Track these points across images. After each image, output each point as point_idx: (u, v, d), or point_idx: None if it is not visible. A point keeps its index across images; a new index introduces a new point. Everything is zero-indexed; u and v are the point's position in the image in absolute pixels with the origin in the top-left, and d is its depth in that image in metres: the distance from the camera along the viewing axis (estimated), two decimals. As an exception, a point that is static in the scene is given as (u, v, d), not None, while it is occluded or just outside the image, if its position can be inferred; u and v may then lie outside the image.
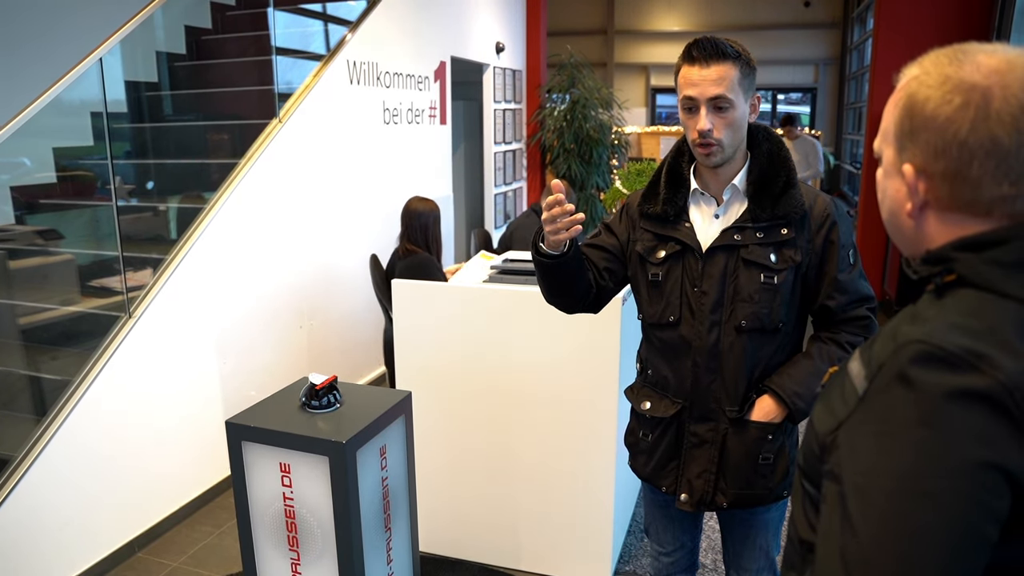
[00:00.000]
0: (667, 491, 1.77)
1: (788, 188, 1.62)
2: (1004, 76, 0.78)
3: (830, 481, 0.81)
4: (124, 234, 3.21)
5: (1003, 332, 0.74)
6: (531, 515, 2.81)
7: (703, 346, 1.66)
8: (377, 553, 2.07)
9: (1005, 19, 4.87)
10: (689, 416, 1.71)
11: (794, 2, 12.90)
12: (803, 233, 1.62)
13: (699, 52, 1.55)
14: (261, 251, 3.75)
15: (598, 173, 7.54)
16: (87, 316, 3.23)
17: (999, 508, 0.71)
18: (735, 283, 1.63)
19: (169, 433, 3.19)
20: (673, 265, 1.68)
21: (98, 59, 2.90)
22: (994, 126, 0.78)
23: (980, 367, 0.72)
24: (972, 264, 0.80)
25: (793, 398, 1.62)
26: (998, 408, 0.71)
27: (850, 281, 1.64)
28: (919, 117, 0.82)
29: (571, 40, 8.80)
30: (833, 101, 13.72)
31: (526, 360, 2.67)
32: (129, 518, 3.03)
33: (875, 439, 0.77)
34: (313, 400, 2.02)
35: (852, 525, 0.75)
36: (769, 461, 1.67)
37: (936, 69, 0.82)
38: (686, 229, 1.67)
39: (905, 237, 0.90)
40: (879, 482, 0.75)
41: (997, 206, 0.81)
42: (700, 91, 1.55)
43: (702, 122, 1.56)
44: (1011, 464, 0.71)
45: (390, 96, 4.87)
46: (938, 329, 0.76)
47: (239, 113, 4.37)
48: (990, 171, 0.79)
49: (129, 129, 4.29)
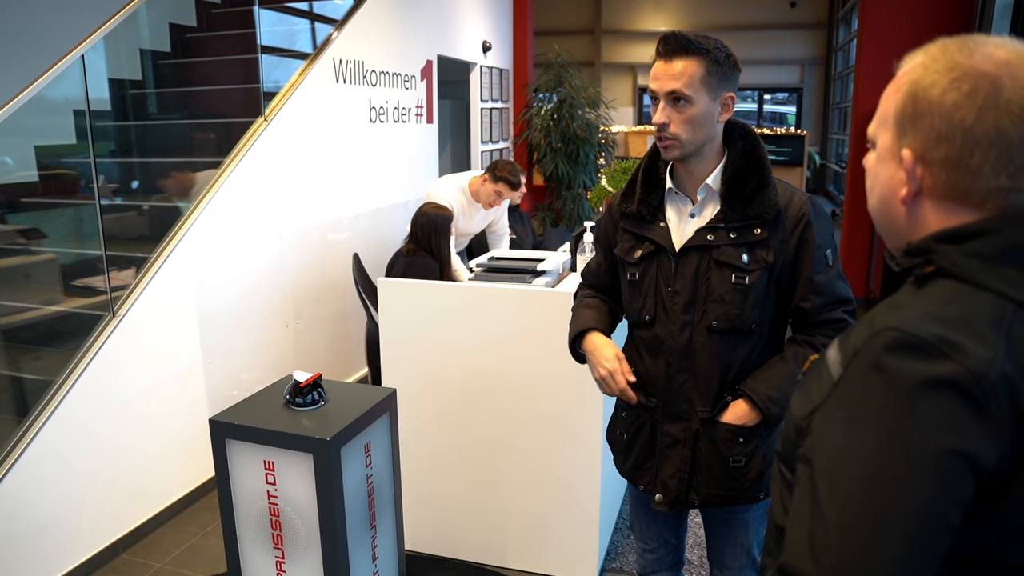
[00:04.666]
0: (645, 490, 1.77)
1: (761, 188, 1.60)
2: (1014, 67, 0.79)
3: (803, 465, 0.82)
4: (108, 233, 3.18)
5: (976, 322, 0.75)
6: (518, 513, 2.81)
7: (676, 346, 1.65)
8: (362, 551, 2.07)
9: (985, 20, 4.93)
10: (663, 415, 1.71)
11: (780, 2, 12.97)
12: (777, 233, 1.60)
13: (664, 46, 1.56)
14: (246, 250, 3.73)
15: (585, 172, 7.56)
16: (70, 316, 3.20)
17: (963, 495, 0.72)
18: (707, 284, 1.62)
19: (154, 433, 3.17)
20: (648, 265, 1.69)
21: (80, 56, 2.87)
22: (1002, 116, 0.78)
23: (950, 355, 0.73)
24: (951, 256, 0.81)
25: (767, 402, 1.61)
26: (965, 396, 0.72)
27: (826, 283, 1.61)
28: (924, 102, 0.82)
29: (559, 40, 8.81)
30: (819, 101, 13.80)
31: (512, 358, 2.67)
32: (113, 520, 3.01)
33: (847, 424, 0.78)
34: (297, 398, 2.02)
35: (821, 509, 0.76)
36: (741, 464, 1.66)
37: (944, 56, 0.82)
38: (660, 229, 1.67)
39: (895, 225, 0.89)
40: (848, 467, 0.75)
41: (991, 198, 0.81)
42: (660, 84, 1.56)
43: (658, 115, 1.57)
44: (976, 451, 0.72)
45: (376, 95, 4.86)
46: (913, 317, 0.77)
47: (224, 111, 4.34)
48: (991, 161, 0.79)
49: (113, 127, 4.26)
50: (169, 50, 4.51)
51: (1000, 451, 0.72)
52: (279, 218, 3.96)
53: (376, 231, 4.85)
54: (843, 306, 1.63)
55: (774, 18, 13.20)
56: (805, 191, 1.98)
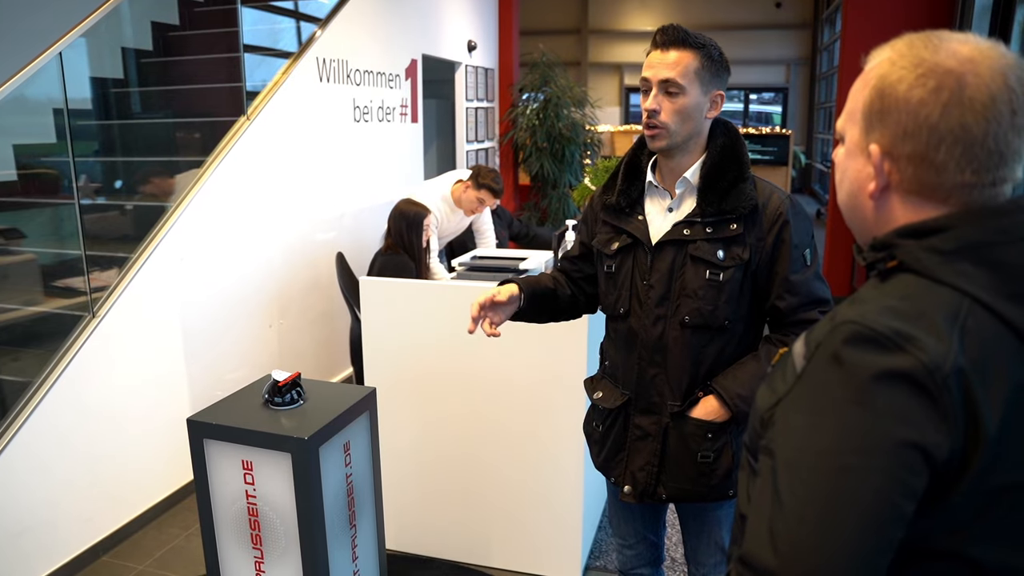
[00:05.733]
0: (616, 482, 1.78)
1: (738, 183, 1.61)
2: (977, 65, 0.79)
3: (765, 456, 0.83)
4: (89, 233, 3.16)
5: (933, 316, 0.76)
6: (501, 512, 2.81)
7: (648, 339, 1.66)
8: (342, 550, 2.06)
9: (965, 20, 4.98)
10: (634, 408, 1.72)
11: (766, 3, 13.05)
12: (753, 230, 1.60)
13: (662, 37, 1.59)
14: (229, 249, 3.71)
15: (570, 171, 7.57)
16: (50, 316, 3.17)
17: (917, 486, 0.74)
18: (681, 279, 1.62)
19: (135, 435, 3.15)
20: (625, 257, 1.70)
21: (58, 53, 2.85)
22: (966, 113, 0.79)
23: (906, 348, 0.74)
24: (912, 251, 0.82)
25: (736, 400, 1.61)
26: (920, 388, 0.73)
27: (803, 283, 1.61)
28: (890, 98, 0.83)
29: (545, 39, 8.82)
30: (804, 101, 13.89)
31: (494, 357, 2.67)
32: (93, 522, 2.98)
33: (807, 416, 0.79)
34: (276, 397, 2.01)
35: (780, 499, 0.77)
36: (709, 460, 1.67)
37: (910, 52, 0.83)
38: (638, 222, 1.68)
39: (862, 219, 0.90)
40: (807, 458, 0.77)
41: (956, 194, 0.82)
42: (654, 72, 1.58)
43: (650, 101, 1.59)
44: (929, 443, 0.73)
45: (360, 94, 4.85)
46: (871, 311, 0.78)
47: (207, 110, 4.32)
48: (955, 157, 0.80)
49: (96, 126, 4.23)
50: (151, 48, 4.49)
51: (952, 443, 0.74)
52: (262, 218, 3.94)
53: (360, 231, 4.83)
54: (819, 307, 1.63)
55: (760, 18, 13.27)
56: (788, 190, 2.00)
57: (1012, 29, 4.40)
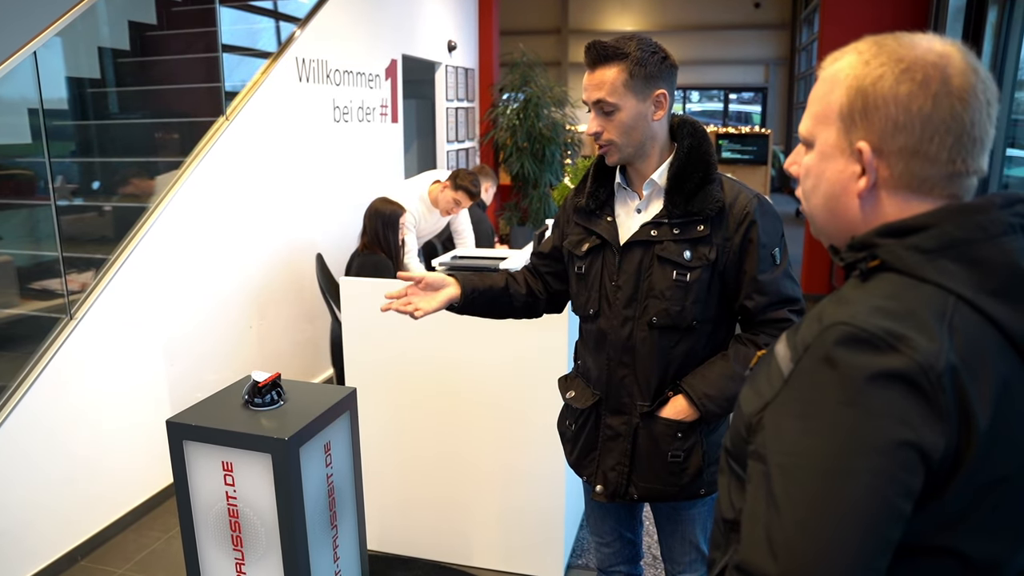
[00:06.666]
0: (588, 481, 1.80)
1: (705, 184, 1.61)
2: (952, 58, 0.82)
3: (755, 461, 0.82)
4: (67, 234, 3.12)
5: (921, 315, 0.77)
6: (483, 511, 2.82)
7: (617, 340, 1.67)
8: (323, 551, 2.06)
9: (940, 22, 5.06)
10: (605, 408, 1.73)
11: (745, 3, 13.14)
12: (720, 231, 1.60)
13: (587, 57, 1.60)
14: (209, 250, 3.69)
15: (551, 171, 7.58)
16: (26, 319, 3.14)
17: (914, 485, 0.74)
18: (649, 279, 1.63)
19: (114, 438, 3.13)
20: (594, 259, 1.71)
21: (32, 53, 2.82)
22: (955, 102, 0.81)
23: (899, 348, 0.74)
24: (894, 250, 0.82)
25: (703, 399, 1.62)
26: (915, 388, 0.73)
27: (771, 282, 1.61)
28: (873, 96, 0.83)
29: (526, 39, 8.84)
30: (783, 100, 14.00)
31: (475, 356, 2.68)
32: (71, 526, 2.95)
33: (800, 419, 0.78)
34: (256, 398, 2.00)
35: (776, 504, 0.76)
36: (679, 459, 1.68)
37: (884, 51, 0.84)
38: (607, 224, 1.69)
39: (846, 221, 0.90)
40: (803, 462, 0.76)
41: (941, 184, 0.84)
42: (587, 95, 1.61)
43: (591, 125, 1.62)
44: (925, 442, 0.73)
45: (340, 94, 4.83)
46: (861, 311, 0.78)
47: (185, 111, 4.29)
48: (948, 147, 0.82)
49: (72, 127, 4.19)
50: (128, 48, 4.45)
51: (947, 441, 0.74)
52: (242, 218, 3.92)
53: (340, 231, 4.82)
54: (789, 305, 1.63)
55: (739, 18, 13.36)
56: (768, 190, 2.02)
57: (984, 31, 4.47)
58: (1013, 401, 0.78)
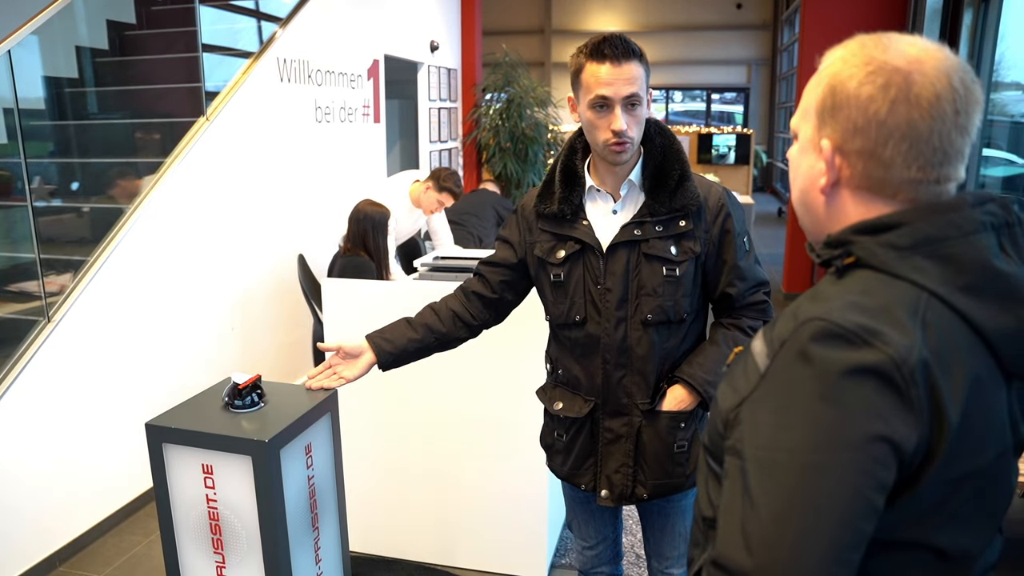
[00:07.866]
0: (586, 488, 1.78)
1: (683, 181, 1.64)
2: (923, 64, 0.82)
3: (732, 457, 0.83)
4: (44, 236, 3.09)
5: (895, 311, 0.78)
6: (466, 512, 2.82)
7: (612, 343, 1.67)
8: (305, 552, 2.05)
9: (917, 22, 5.13)
10: (602, 413, 1.72)
11: (727, 4, 13.22)
12: (700, 224, 1.65)
13: (611, 50, 1.54)
14: (189, 252, 3.66)
15: (533, 171, 7.59)
16: (3, 321, 3.10)
17: (886, 479, 0.75)
18: (638, 278, 1.64)
19: (93, 441, 3.09)
20: (574, 264, 1.69)
21: (7, 52, 2.79)
22: (912, 109, 0.81)
23: (873, 343, 0.75)
24: (868, 247, 0.83)
25: (705, 386, 1.65)
26: (888, 382, 0.74)
27: (748, 267, 1.69)
28: (842, 94, 0.85)
29: (509, 39, 8.84)
30: (765, 100, 14.10)
31: (458, 358, 2.66)
32: (50, 531, 2.92)
33: (776, 414, 0.79)
34: (236, 399, 1.99)
35: (752, 499, 0.77)
36: (684, 449, 1.71)
37: (862, 51, 0.85)
38: (584, 227, 1.68)
39: (814, 216, 0.92)
40: (779, 456, 0.77)
41: (903, 189, 0.85)
42: (615, 90, 1.54)
43: (618, 122, 1.55)
44: (898, 436, 0.74)
45: (322, 94, 4.81)
46: (836, 307, 0.79)
47: (165, 111, 4.26)
48: (902, 153, 0.82)
49: (50, 127, 4.14)
50: (107, 47, 4.41)
51: (919, 435, 0.75)
52: (222, 219, 3.90)
53: (322, 232, 4.80)
54: (763, 288, 1.72)
55: (721, 19, 13.44)
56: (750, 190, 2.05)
57: (960, 32, 4.53)
58: (984, 396, 0.79)
